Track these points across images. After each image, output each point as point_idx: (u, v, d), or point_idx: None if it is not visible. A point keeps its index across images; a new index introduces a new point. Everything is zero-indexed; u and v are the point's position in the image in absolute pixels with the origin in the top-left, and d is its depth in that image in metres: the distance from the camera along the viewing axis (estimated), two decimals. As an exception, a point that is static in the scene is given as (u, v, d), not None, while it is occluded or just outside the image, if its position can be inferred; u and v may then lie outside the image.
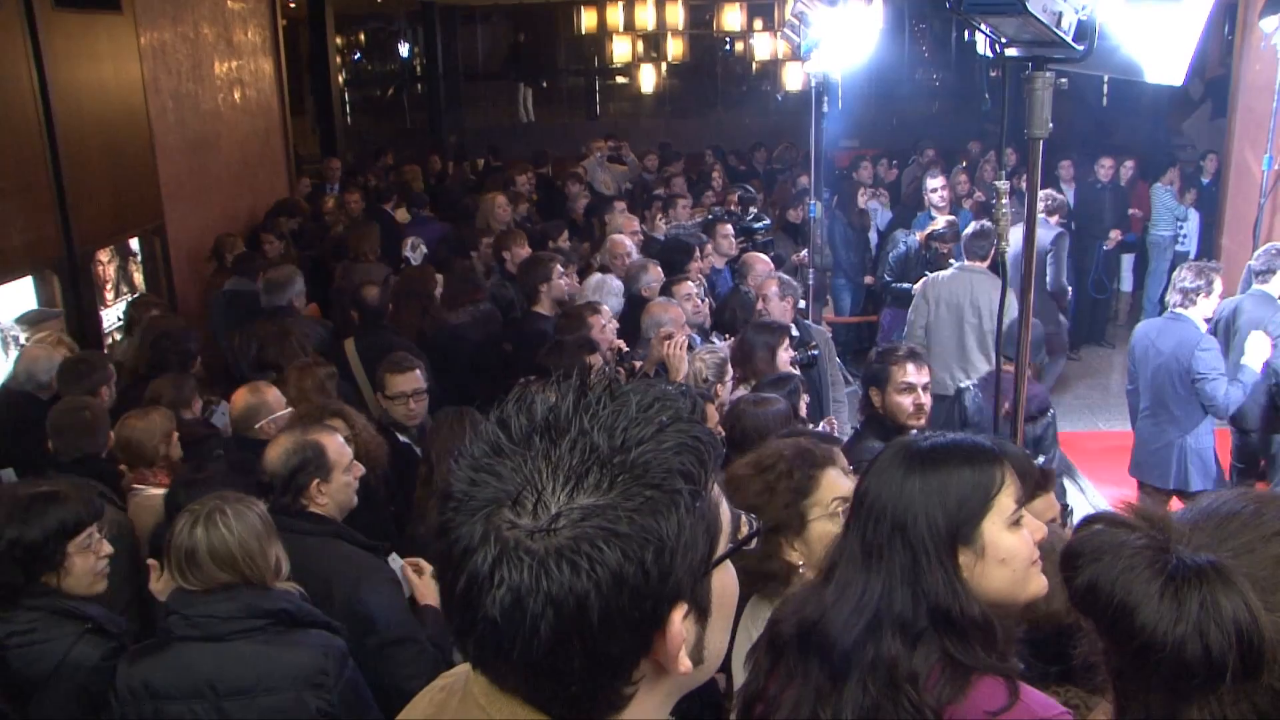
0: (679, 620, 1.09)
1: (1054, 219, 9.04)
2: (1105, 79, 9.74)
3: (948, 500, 1.92)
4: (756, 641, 2.15)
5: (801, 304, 7.11)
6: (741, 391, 5.18)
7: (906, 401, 4.48)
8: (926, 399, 4.55)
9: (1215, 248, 10.45)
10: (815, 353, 6.19)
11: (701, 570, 1.12)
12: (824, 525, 2.62)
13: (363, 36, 20.96)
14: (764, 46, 16.31)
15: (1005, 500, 1.94)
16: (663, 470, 1.07)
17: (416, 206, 10.58)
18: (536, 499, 1.06)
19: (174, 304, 8.82)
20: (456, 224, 10.05)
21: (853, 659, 1.86)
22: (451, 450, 1.23)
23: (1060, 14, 3.11)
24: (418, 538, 4.06)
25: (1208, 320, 6.26)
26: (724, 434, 4.28)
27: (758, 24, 16.58)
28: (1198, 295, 6.12)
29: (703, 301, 6.86)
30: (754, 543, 1.59)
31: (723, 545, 1.16)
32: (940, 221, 8.64)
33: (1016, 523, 1.94)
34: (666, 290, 6.71)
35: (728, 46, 18.38)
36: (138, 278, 8.75)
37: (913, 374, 4.50)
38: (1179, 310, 6.18)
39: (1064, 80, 3.31)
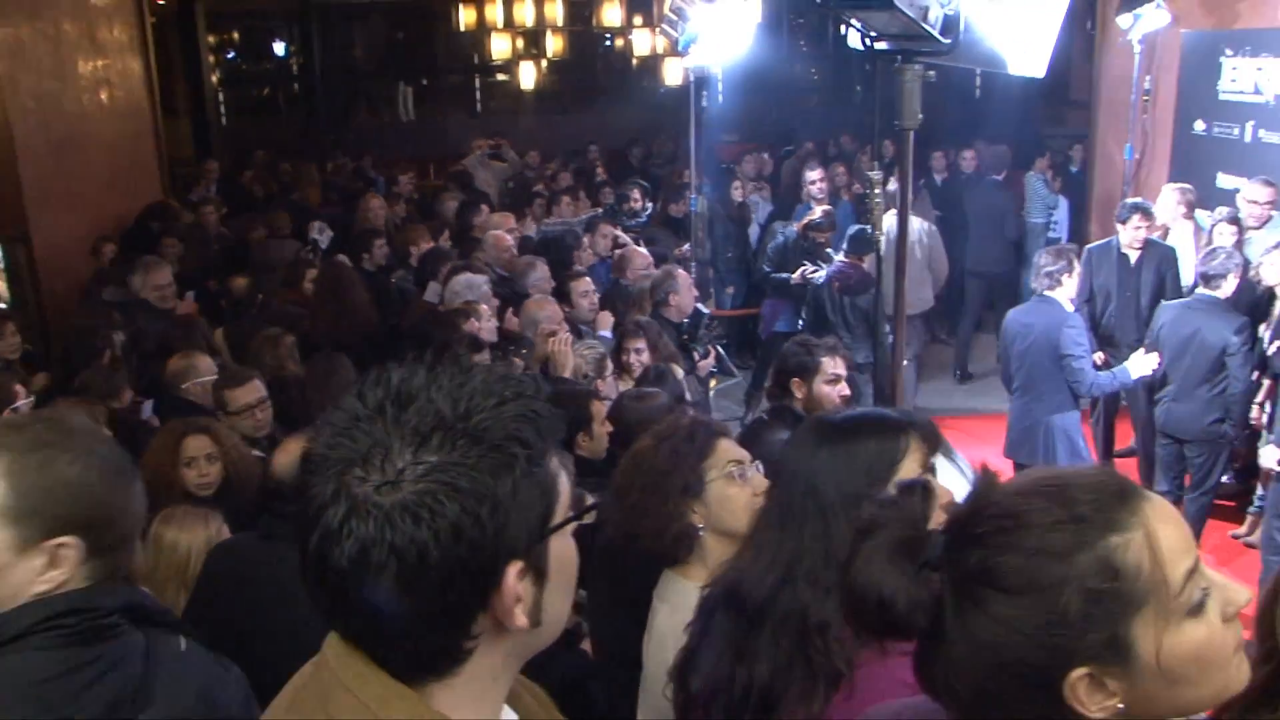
0: (513, 575, 1.19)
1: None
2: (978, 72, 10.02)
3: (855, 466, 2.04)
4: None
5: (695, 293, 7.20)
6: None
7: (833, 392, 4.56)
8: (846, 390, 4.66)
9: (1084, 233, 10.80)
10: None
11: (538, 532, 1.22)
12: (721, 487, 2.72)
13: (237, 35, 20.46)
14: (643, 42, 16.33)
15: (910, 465, 2.04)
16: (500, 435, 1.18)
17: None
18: (384, 457, 1.15)
19: (42, 315, 8.54)
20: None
21: (766, 611, 1.95)
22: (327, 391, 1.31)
23: (926, 8, 3.20)
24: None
25: (1072, 299, 6.48)
26: (610, 429, 4.37)
27: (637, 20, 16.59)
28: (1061, 275, 6.32)
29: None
30: (589, 517, 1.67)
31: (561, 515, 1.26)
32: (817, 212, 8.80)
33: None
34: (563, 287, 6.74)
35: (607, 42, 18.42)
36: (1, 287, 8.45)
37: (839, 365, 4.61)
38: (1045, 293, 6.38)
39: (932, 72, 3.41)
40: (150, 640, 1.92)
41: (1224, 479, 6.81)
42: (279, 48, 20.72)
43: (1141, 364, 6.42)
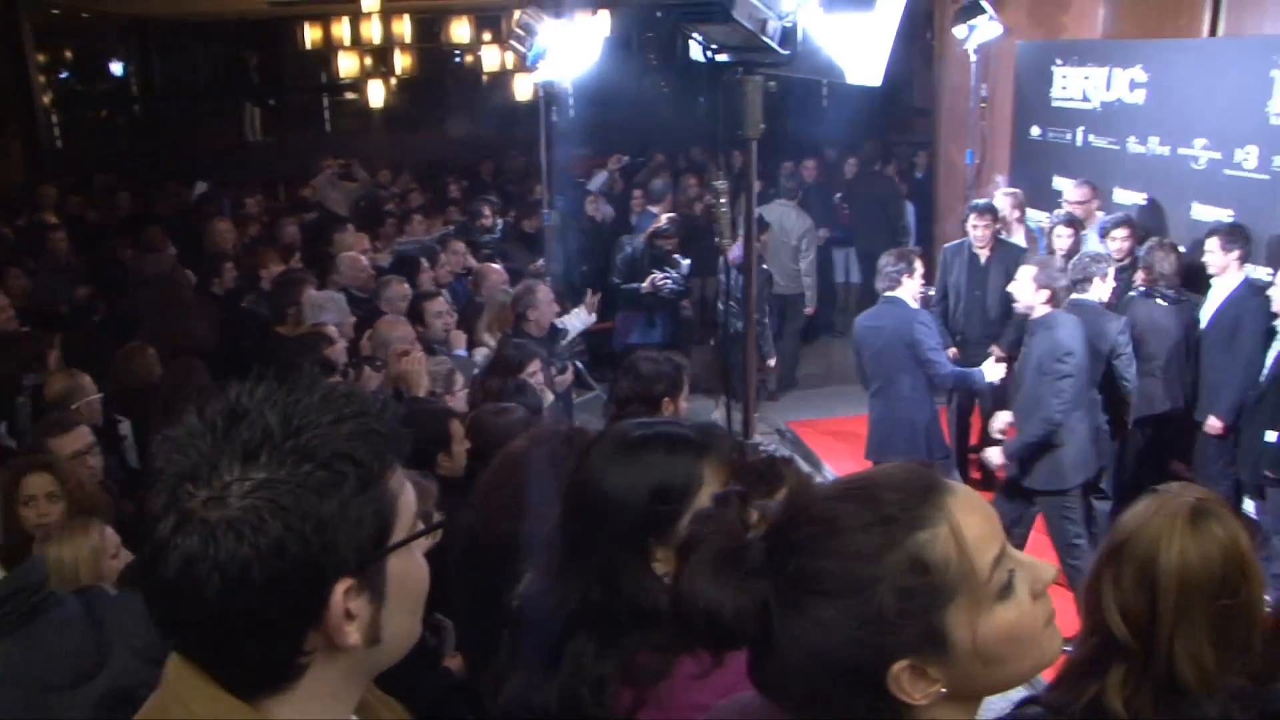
0: (340, 593, 1.18)
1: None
2: (825, 82, 10.24)
3: (645, 486, 1.94)
4: None
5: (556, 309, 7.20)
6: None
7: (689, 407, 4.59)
8: None
9: (930, 237, 11.13)
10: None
11: (371, 551, 1.22)
12: None
13: (69, 53, 19.70)
14: (493, 58, 16.26)
15: (707, 493, 1.92)
16: (330, 452, 1.18)
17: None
18: (212, 472, 1.16)
19: None
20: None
21: (558, 653, 1.90)
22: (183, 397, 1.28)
23: (765, 21, 3.25)
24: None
25: (916, 297, 6.61)
26: (469, 444, 4.34)
27: (486, 36, 16.55)
28: (901, 276, 6.46)
29: (453, 316, 6.88)
30: (437, 535, 1.64)
31: (401, 534, 1.26)
32: (662, 219, 8.90)
33: None
34: (417, 306, 6.67)
35: (457, 59, 18.31)
36: None
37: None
38: (890, 293, 6.51)
39: (773, 83, 3.47)
40: (84, 598, 1.97)
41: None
42: (116, 67, 20.03)
43: (994, 370, 6.59)
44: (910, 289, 6.51)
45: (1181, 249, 7.13)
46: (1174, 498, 2.18)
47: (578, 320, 7.60)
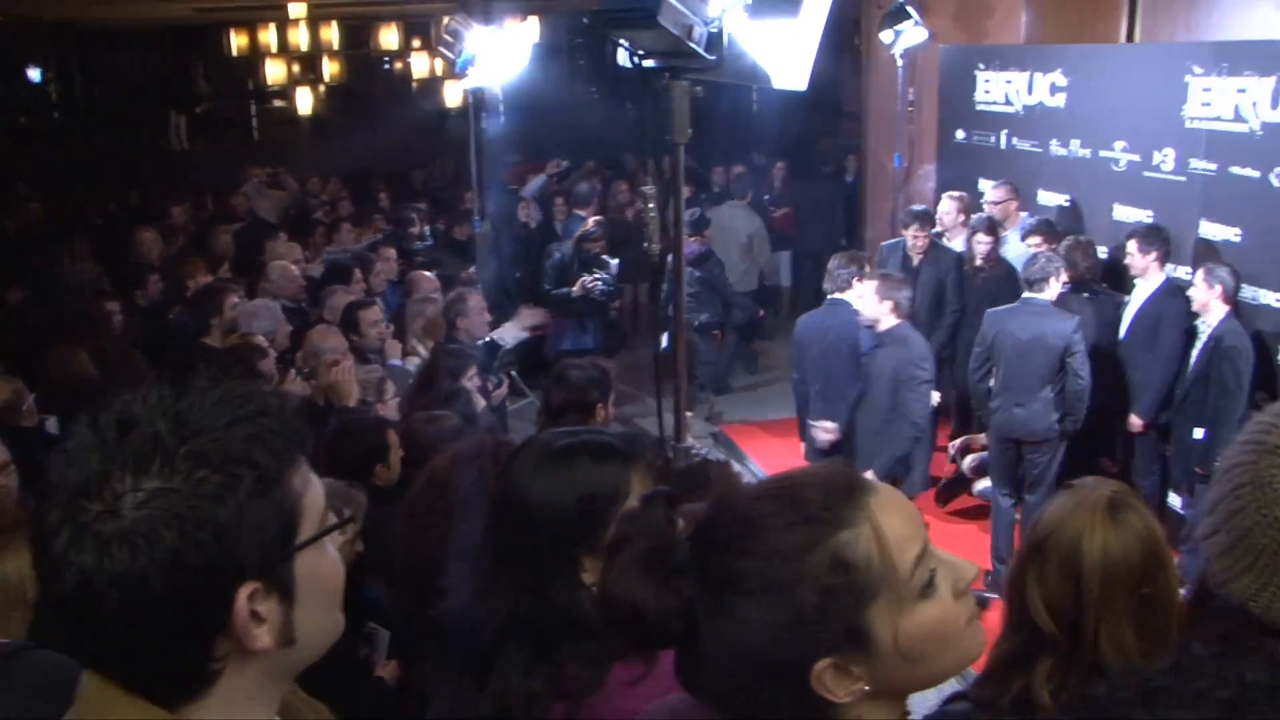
0: (244, 598, 1.17)
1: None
2: (755, 88, 10.30)
3: (572, 495, 1.94)
4: None
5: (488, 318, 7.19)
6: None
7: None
8: None
9: (860, 239, 11.26)
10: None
11: (276, 552, 1.20)
12: None
13: (-16, 59, 19.26)
14: (422, 65, 16.19)
15: (634, 501, 1.93)
16: (225, 456, 1.16)
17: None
18: (104, 485, 1.13)
19: None
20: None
21: (488, 666, 1.88)
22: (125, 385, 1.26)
23: (691, 26, 3.26)
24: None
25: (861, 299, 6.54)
26: (403, 453, 4.33)
27: (415, 42, 16.46)
28: (852, 279, 6.48)
29: (388, 326, 6.84)
30: (348, 531, 1.63)
31: (308, 532, 1.24)
32: (589, 223, 8.93)
33: None
34: (353, 315, 6.62)
35: (386, 66, 18.18)
36: None
37: None
38: (837, 296, 6.53)
39: (699, 89, 3.50)
40: None
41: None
42: (34, 73, 19.62)
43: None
44: (859, 292, 6.51)
45: (1104, 249, 7.31)
46: (1090, 492, 2.23)
47: (509, 334, 7.60)
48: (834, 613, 1.25)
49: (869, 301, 6.26)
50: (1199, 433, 6.03)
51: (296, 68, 16.33)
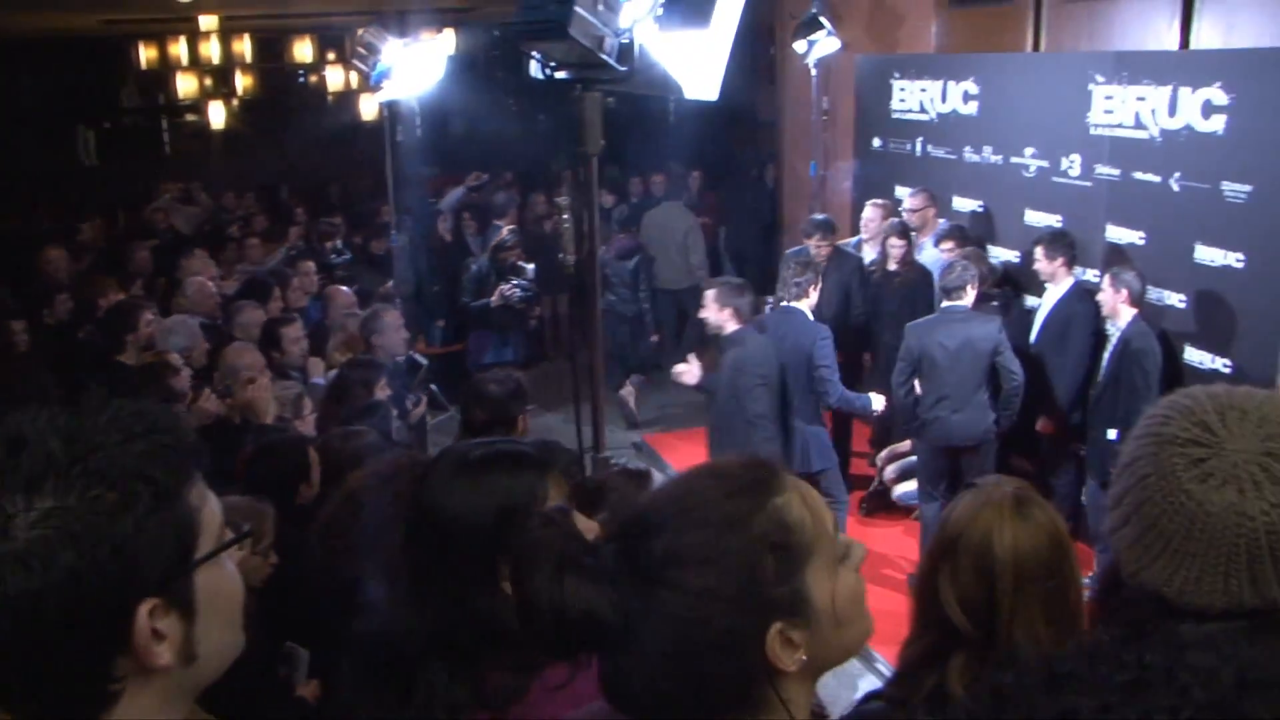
0: (144, 615, 1.15)
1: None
2: (672, 99, 10.37)
3: (489, 506, 1.95)
4: None
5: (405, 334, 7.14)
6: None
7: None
8: None
9: (777, 247, 11.37)
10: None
11: (176, 568, 1.19)
12: None
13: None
14: (338, 78, 16.04)
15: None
16: (120, 473, 1.14)
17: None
18: None
19: None
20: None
21: (409, 681, 1.88)
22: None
23: (602, 37, 3.28)
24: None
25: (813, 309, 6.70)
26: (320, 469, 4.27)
27: (330, 55, 16.30)
28: (808, 287, 6.57)
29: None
30: (245, 546, 1.62)
31: (206, 547, 1.23)
32: (504, 232, 8.93)
33: None
34: (274, 332, 6.55)
35: (301, 79, 17.98)
36: None
37: None
38: (791, 303, 6.58)
39: (611, 100, 3.51)
40: None
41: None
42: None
43: (879, 402, 6.82)
44: (812, 301, 6.61)
45: (1015, 254, 7.47)
46: (995, 491, 2.28)
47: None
48: (783, 573, 1.30)
49: (710, 308, 6.36)
50: (1112, 434, 6.16)
51: (209, 81, 16.06)
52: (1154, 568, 1.46)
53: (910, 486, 7.46)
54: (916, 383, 6.64)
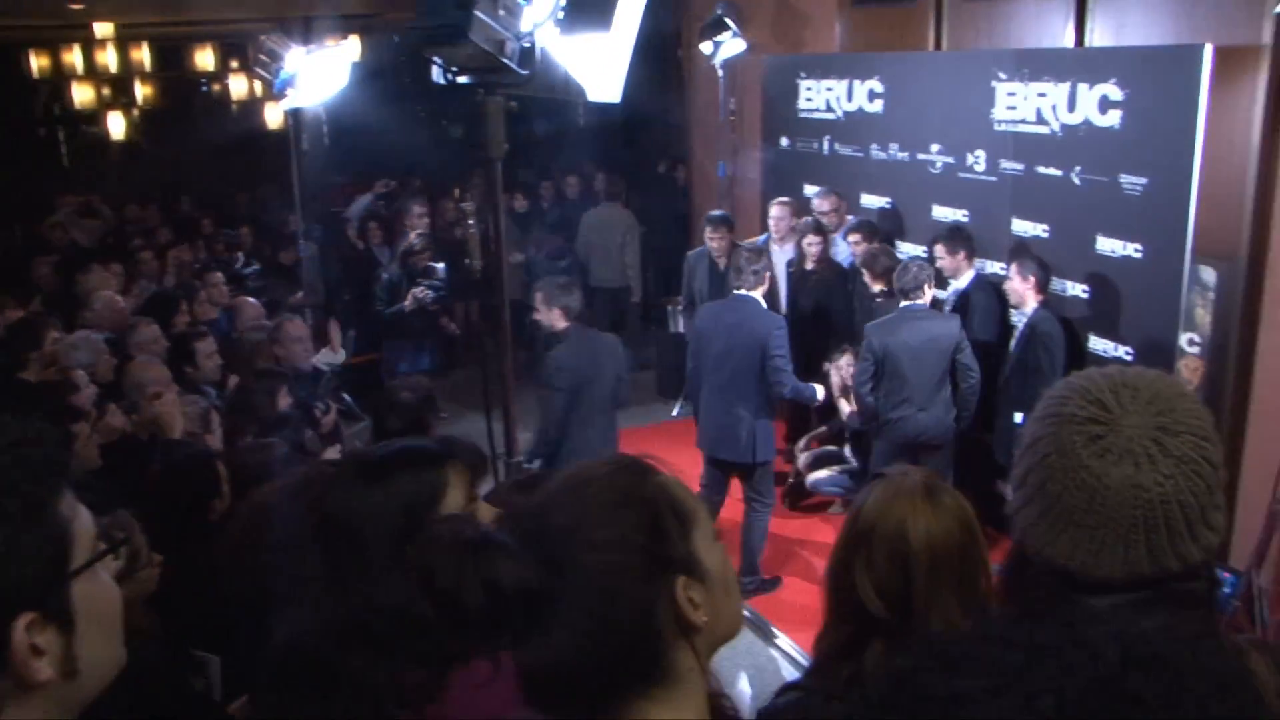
0: (21, 630, 1.14)
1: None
2: (580, 102, 10.37)
3: (394, 506, 1.98)
4: None
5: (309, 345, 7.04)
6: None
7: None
8: None
9: (689, 247, 11.44)
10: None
11: (52, 581, 1.18)
12: None
13: None
14: (241, 86, 15.77)
15: (454, 497, 2.04)
16: None
17: None
18: None
19: None
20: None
21: (327, 683, 1.86)
22: None
23: (503, 42, 3.27)
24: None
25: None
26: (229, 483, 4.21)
27: (233, 63, 16.01)
28: (764, 274, 6.58)
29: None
30: (119, 556, 1.62)
31: (81, 558, 1.22)
32: (412, 236, 8.90)
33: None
34: (188, 346, 6.45)
35: (203, 87, 17.62)
36: None
37: None
38: (744, 292, 6.57)
39: (514, 104, 3.50)
40: None
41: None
42: None
43: (821, 392, 6.89)
44: (763, 290, 6.62)
45: (923, 248, 7.58)
46: (905, 480, 2.32)
47: (325, 358, 7.45)
48: (682, 531, 1.39)
49: (541, 309, 6.43)
50: (1019, 417, 6.28)
51: (106, 90, 15.67)
52: (1058, 543, 1.50)
53: (824, 473, 7.55)
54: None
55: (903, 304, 6.61)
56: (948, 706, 0.81)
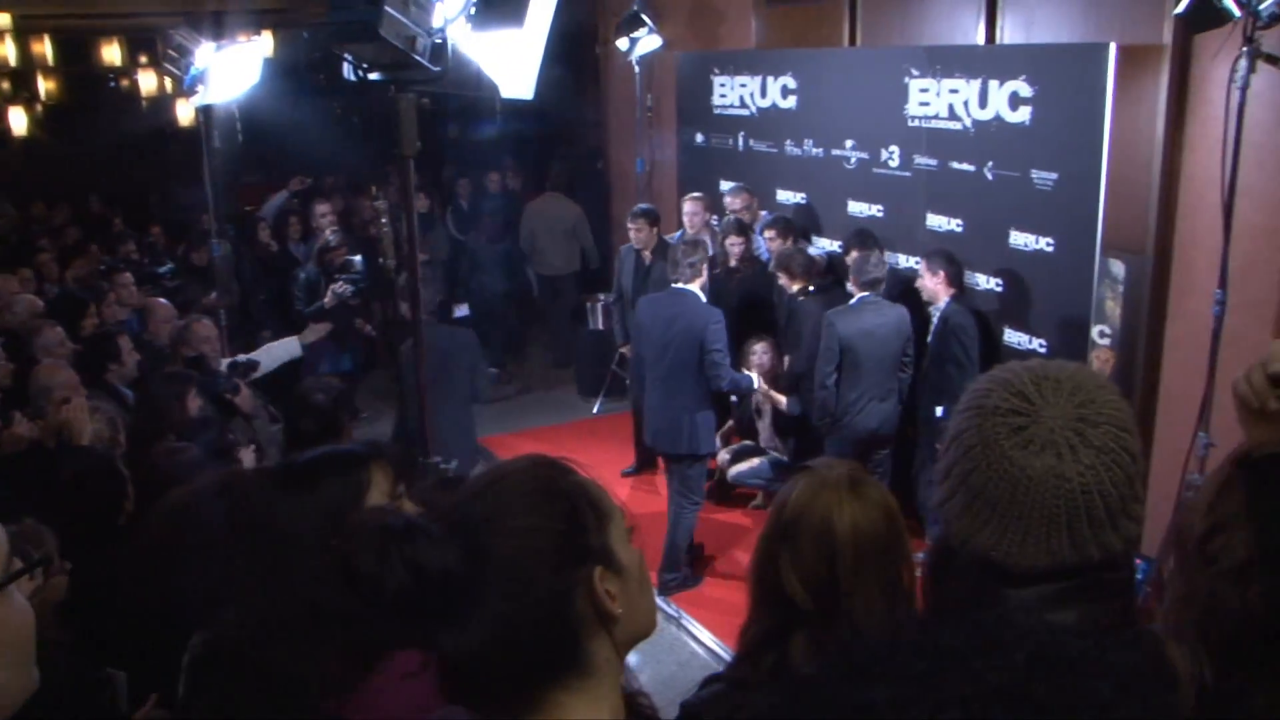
0: None
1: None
2: (497, 100, 10.31)
3: (320, 510, 1.99)
4: None
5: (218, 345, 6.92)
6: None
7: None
8: None
9: (609, 243, 11.49)
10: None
11: None
12: None
13: None
14: (151, 82, 15.39)
15: (375, 496, 2.08)
16: None
17: None
18: None
19: None
20: None
21: (259, 684, 1.85)
22: None
23: (414, 38, 3.23)
24: None
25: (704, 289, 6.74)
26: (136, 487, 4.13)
27: (142, 58, 15.63)
28: (701, 266, 6.61)
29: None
30: (38, 575, 1.60)
31: None
32: (326, 234, 8.82)
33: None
34: (111, 343, 6.30)
35: (110, 83, 17.18)
36: None
37: None
38: (683, 285, 6.59)
39: (426, 100, 3.46)
40: None
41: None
42: None
43: (758, 380, 6.94)
44: (701, 282, 6.64)
45: (838, 243, 7.65)
46: (830, 472, 2.34)
47: (283, 351, 7.32)
48: (597, 525, 1.43)
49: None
50: (938, 410, 6.37)
51: (6, 85, 15.23)
52: (982, 534, 1.53)
53: (743, 466, 7.59)
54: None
55: (859, 295, 6.64)
56: (855, 717, 0.81)
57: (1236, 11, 4.85)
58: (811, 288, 7.25)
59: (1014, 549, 1.50)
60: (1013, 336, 6.66)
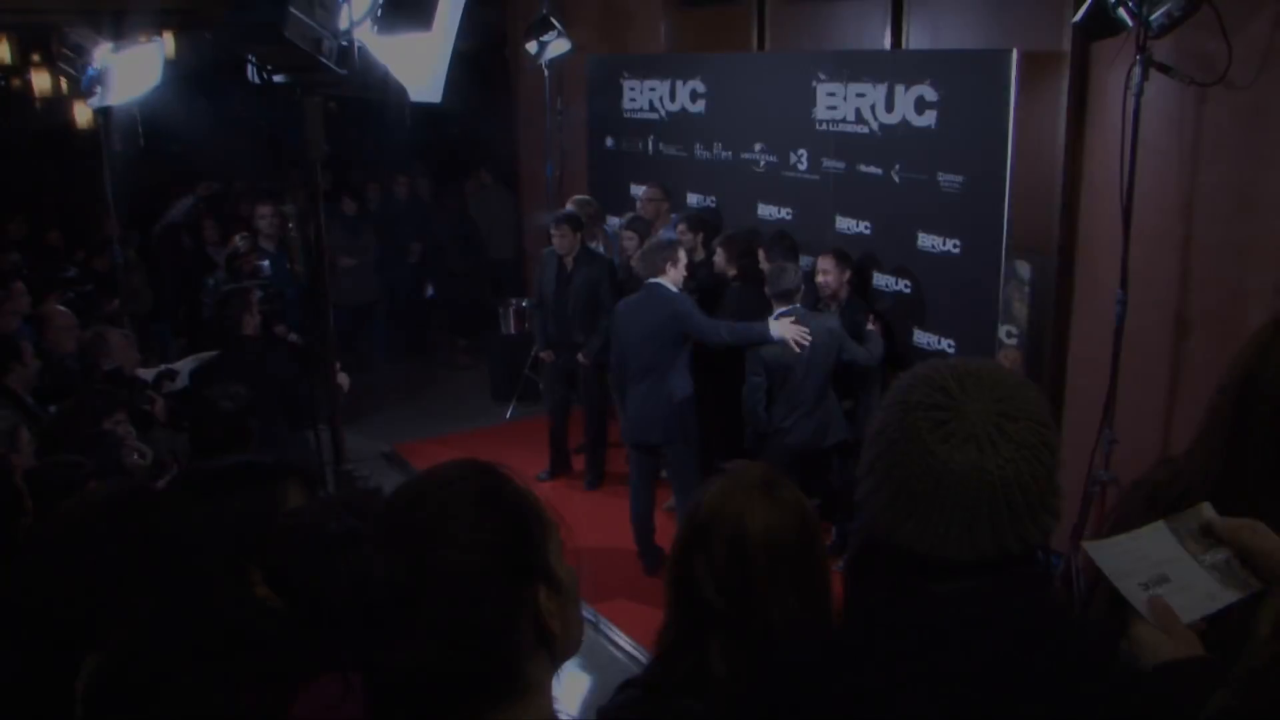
0: None
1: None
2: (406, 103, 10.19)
3: (230, 523, 1.95)
4: None
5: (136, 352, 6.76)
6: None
7: None
8: None
9: (520, 248, 11.43)
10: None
11: None
12: None
13: None
14: (45, 82, 14.98)
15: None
16: None
17: None
18: None
19: None
20: None
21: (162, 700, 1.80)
22: None
23: (320, 40, 3.18)
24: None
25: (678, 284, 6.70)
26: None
27: (35, 57, 15.20)
28: (666, 263, 6.60)
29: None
30: None
31: None
32: (235, 239, 8.71)
33: None
34: (15, 347, 6.10)
35: (1, 81, 16.67)
36: None
37: None
38: (653, 280, 6.60)
39: (333, 103, 3.41)
40: None
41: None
42: None
43: (783, 326, 6.55)
44: (674, 276, 6.62)
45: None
46: (744, 475, 2.34)
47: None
48: (541, 541, 1.41)
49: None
50: (848, 404, 6.49)
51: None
52: (906, 527, 1.55)
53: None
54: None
55: (781, 309, 6.58)
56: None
57: (1129, 21, 4.99)
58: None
59: (936, 542, 1.53)
60: (921, 337, 6.75)
